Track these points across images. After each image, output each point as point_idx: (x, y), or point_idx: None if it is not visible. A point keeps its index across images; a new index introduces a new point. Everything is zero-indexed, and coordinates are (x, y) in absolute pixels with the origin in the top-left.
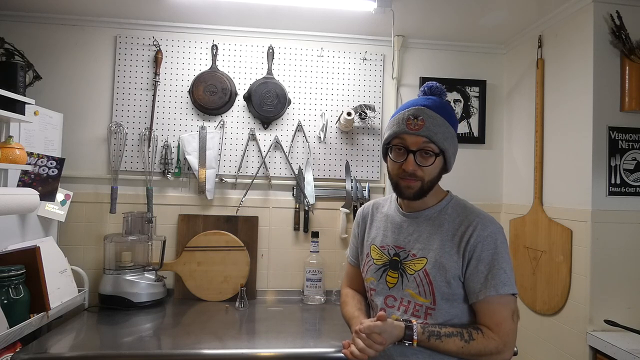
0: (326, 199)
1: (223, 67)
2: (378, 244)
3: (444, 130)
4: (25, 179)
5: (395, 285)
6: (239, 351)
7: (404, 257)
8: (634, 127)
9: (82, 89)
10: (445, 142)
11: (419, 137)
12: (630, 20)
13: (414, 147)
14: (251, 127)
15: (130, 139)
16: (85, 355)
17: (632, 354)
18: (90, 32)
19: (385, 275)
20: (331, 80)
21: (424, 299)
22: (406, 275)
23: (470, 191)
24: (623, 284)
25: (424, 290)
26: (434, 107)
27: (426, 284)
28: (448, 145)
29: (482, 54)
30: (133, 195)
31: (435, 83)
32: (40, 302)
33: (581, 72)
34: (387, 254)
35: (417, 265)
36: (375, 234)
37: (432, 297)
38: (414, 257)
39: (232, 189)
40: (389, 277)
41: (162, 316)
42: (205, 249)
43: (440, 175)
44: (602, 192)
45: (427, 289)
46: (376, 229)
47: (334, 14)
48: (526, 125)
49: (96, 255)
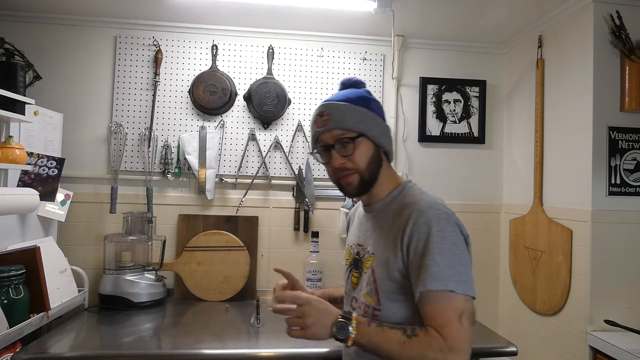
0: (326, 199)
1: (223, 67)
2: (349, 243)
3: (353, 115)
4: (25, 179)
5: (357, 286)
6: (239, 351)
7: (362, 255)
8: (634, 127)
9: (82, 89)
10: (360, 124)
11: (331, 131)
12: (630, 20)
13: (331, 142)
14: (251, 127)
15: (130, 139)
16: (85, 355)
17: (632, 354)
18: (90, 32)
19: (350, 275)
20: (331, 80)
21: (370, 299)
22: (362, 275)
23: (470, 191)
24: (623, 284)
25: (371, 290)
26: (338, 98)
27: (372, 282)
28: (366, 126)
29: (482, 54)
30: (133, 195)
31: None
32: (40, 302)
33: (581, 72)
34: (353, 253)
35: (368, 263)
36: (350, 234)
37: (376, 296)
38: (367, 254)
39: (232, 189)
40: (352, 277)
41: (162, 316)
42: (205, 249)
43: (378, 160)
44: (602, 192)
45: (373, 288)
46: (352, 228)
47: (334, 14)
48: (526, 125)
49: (96, 255)
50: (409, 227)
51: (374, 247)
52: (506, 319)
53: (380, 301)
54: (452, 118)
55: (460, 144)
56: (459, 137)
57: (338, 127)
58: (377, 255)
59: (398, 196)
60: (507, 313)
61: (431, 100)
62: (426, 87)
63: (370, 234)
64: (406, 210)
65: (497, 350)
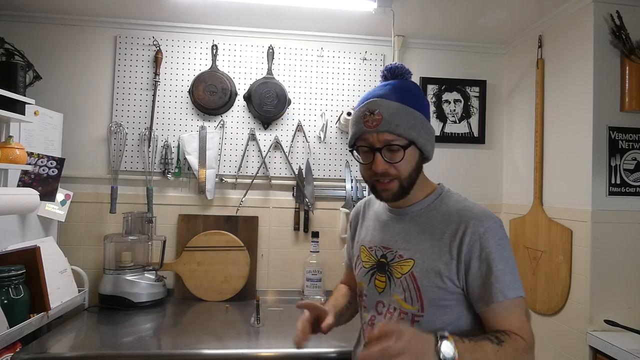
0: (326, 199)
1: (223, 67)
2: (367, 244)
3: (407, 118)
4: (25, 179)
5: (384, 290)
6: (239, 351)
7: (390, 258)
8: (634, 127)
9: (82, 89)
10: (412, 130)
11: (380, 133)
12: (630, 20)
13: (378, 145)
14: (251, 127)
15: (130, 139)
16: (85, 355)
17: (632, 354)
18: (90, 32)
19: (374, 279)
20: (331, 80)
21: (410, 306)
22: (393, 279)
23: (470, 191)
24: (623, 284)
25: (410, 296)
26: (391, 94)
27: (413, 289)
28: (417, 133)
29: (482, 54)
30: (133, 195)
31: (396, 64)
32: (40, 302)
33: (581, 72)
34: (374, 256)
35: (404, 268)
36: (365, 233)
37: (419, 303)
38: (401, 259)
39: (232, 189)
40: (377, 280)
41: (162, 316)
42: (206, 249)
43: (420, 166)
44: (602, 192)
45: (415, 295)
46: (366, 228)
47: (334, 14)
48: (526, 125)
49: (96, 255)
50: (467, 237)
51: (412, 253)
52: None
53: (424, 308)
54: (452, 118)
55: (460, 144)
56: (459, 137)
57: (390, 131)
58: (418, 261)
59: (437, 200)
60: None
61: (431, 100)
62: (426, 87)
63: (404, 237)
64: (456, 217)
65: None
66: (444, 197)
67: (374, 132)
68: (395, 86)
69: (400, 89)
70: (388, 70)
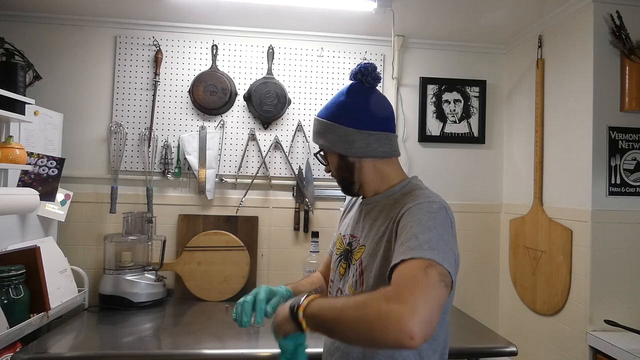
0: (326, 199)
1: (223, 67)
2: (342, 233)
3: (318, 129)
4: (25, 179)
5: (344, 277)
6: (239, 351)
7: (354, 246)
8: (634, 127)
9: (82, 89)
10: (320, 138)
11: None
12: (630, 20)
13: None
14: (251, 127)
15: (130, 139)
16: (85, 355)
17: (632, 354)
18: (90, 32)
19: (339, 266)
20: (331, 80)
21: (354, 291)
22: (351, 266)
23: (470, 191)
24: (623, 284)
25: (356, 282)
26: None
27: (359, 274)
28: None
29: (482, 54)
30: (133, 195)
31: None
32: (40, 302)
33: (581, 72)
34: (344, 243)
35: (358, 255)
36: (345, 223)
37: (362, 288)
38: (358, 246)
39: (232, 189)
40: (340, 267)
41: (162, 316)
42: (205, 249)
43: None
44: (602, 192)
45: (359, 280)
46: (347, 219)
47: (334, 14)
48: (526, 125)
49: (96, 255)
50: (401, 214)
51: (365, 240)
52: (506, 319)
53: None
54: (452, 118)
55: (460, 144)
56: (459, 137)
57: (314, 141)
58: (367, 248)
59: (400, 191)
60: (507, 313)
61: (431, 100)
62: (426, 87)
63: (363, 225)
64: (400, 201)
65: (497, 350)
66: (406, 186)
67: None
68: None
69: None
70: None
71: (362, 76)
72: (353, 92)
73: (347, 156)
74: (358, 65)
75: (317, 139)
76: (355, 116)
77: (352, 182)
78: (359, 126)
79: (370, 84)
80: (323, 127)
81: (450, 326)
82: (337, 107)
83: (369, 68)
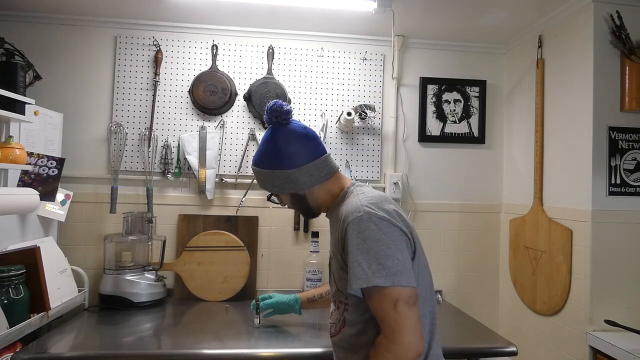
0: None
1: (223, 67)
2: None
3: (260, 179)
4: (25, 179)
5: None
6: (239, 351)
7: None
8: (634, 127)
9: (82, 89)
10: (266, 185)
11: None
12: (630, 20)
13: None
14: (251, 127)
15: (130, 139)
16: (85, 355)
17: (632, 354)
18: (90, 32)
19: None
20: (331, 80)
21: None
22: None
23: (470, 191)
24: (623, 284)
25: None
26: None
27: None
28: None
29: (482, 54)
30: (133, 195)
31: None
32: (40, 302)
33: (581, 72)
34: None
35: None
36: None
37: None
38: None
39: (232, 189)
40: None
41: (162, 316)
42: (206, 249)
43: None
44: (602, 192)
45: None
46: None
47: (334, 14)
48: (526, 125)
49: (96, 255)
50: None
51: (331, 249)
52: (506, 319)
53: (347, 297)
54: (452, 118)
55: (460, 144)
56: (459, 137)
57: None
58: (332, 257)
59: (341, 201)
60: (507, 313)
61: (431, 100)
62: (426, 87)
63: (330, 237)
64: (341, 211)
65: (497, 350)
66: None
67: None
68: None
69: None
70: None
71: (276, 119)
72: (278, 136)
73: (297, 192)
74: (267, 110)
75: (265, 187)
76: (290, 157)
77: (310, 209)
78: (296, 164)
79: (287, 121)
80: (265, 176)
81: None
82: (271, 155)
83: (277, 108)
